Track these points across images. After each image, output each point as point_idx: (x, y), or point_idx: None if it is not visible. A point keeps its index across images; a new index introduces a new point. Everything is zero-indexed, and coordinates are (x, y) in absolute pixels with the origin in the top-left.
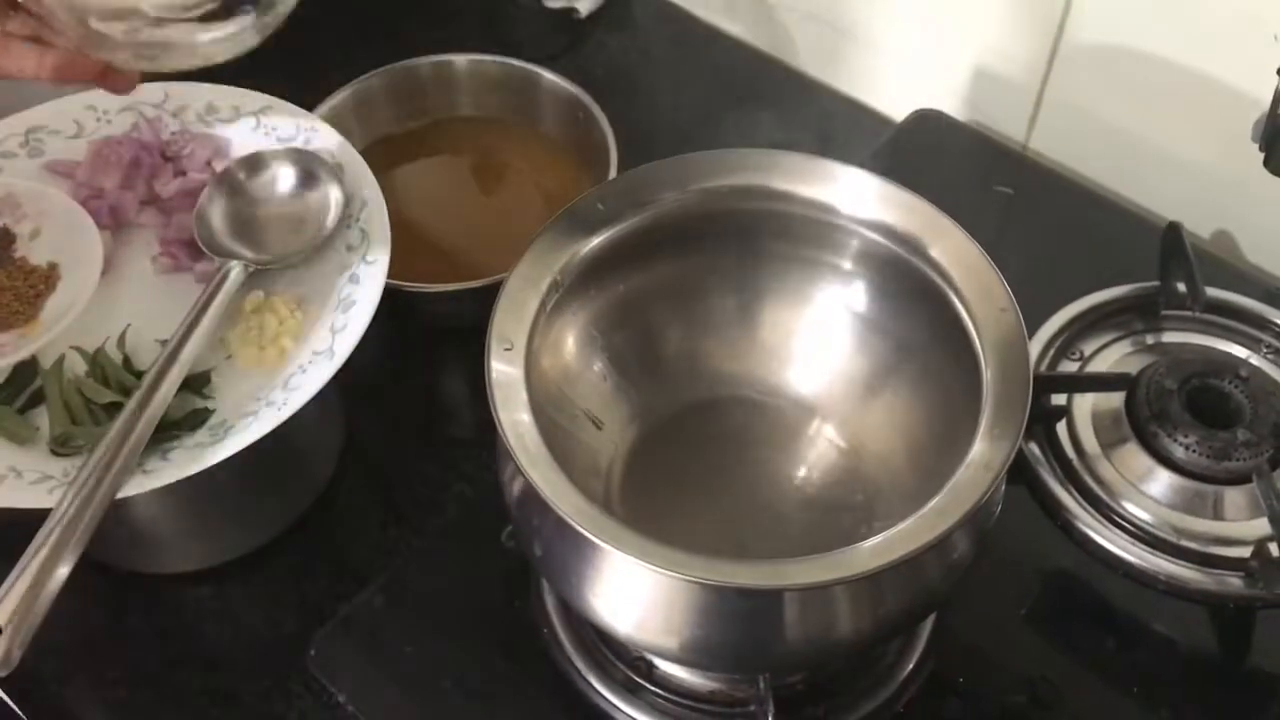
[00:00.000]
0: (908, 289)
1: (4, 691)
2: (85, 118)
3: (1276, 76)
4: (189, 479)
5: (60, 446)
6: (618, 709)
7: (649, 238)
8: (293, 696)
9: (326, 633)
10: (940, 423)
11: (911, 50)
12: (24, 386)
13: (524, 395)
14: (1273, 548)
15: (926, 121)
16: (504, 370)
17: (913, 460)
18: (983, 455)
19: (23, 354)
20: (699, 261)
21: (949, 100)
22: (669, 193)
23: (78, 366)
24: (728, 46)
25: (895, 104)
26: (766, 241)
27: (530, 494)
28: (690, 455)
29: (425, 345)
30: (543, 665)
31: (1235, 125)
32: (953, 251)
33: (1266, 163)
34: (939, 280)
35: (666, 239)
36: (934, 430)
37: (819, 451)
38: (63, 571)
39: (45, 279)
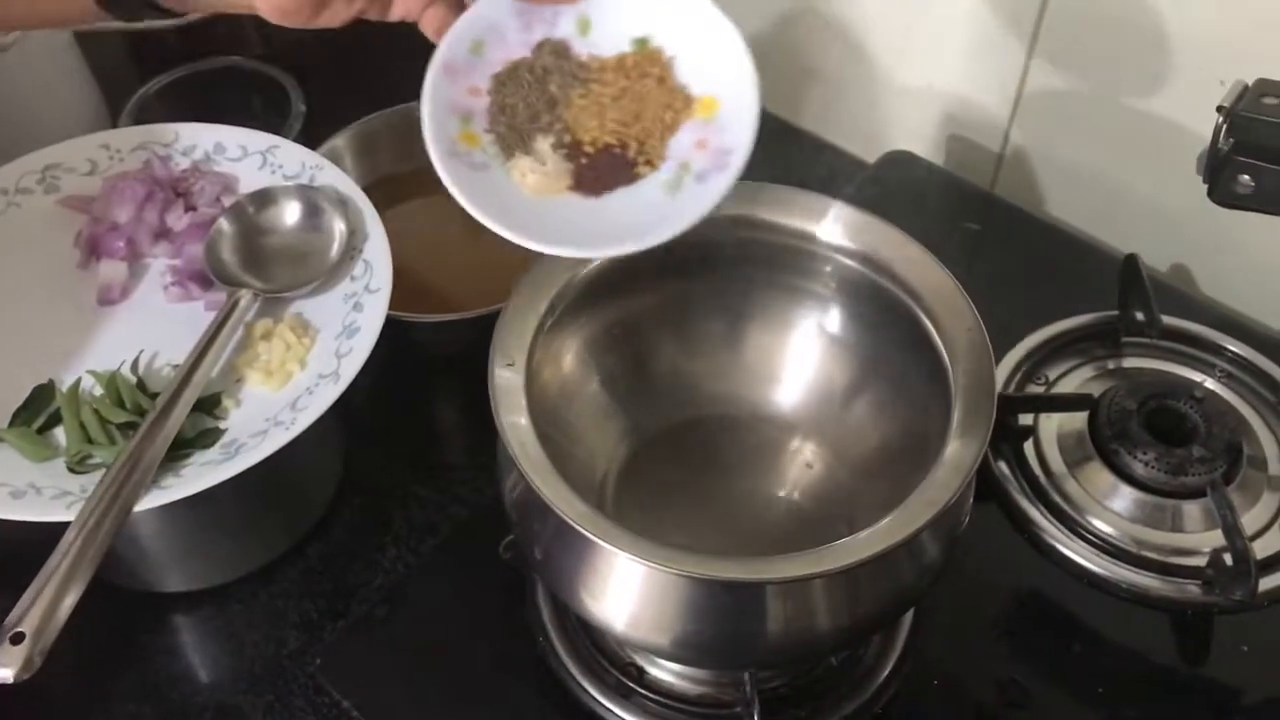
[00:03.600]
0: (882, 311)
1: (15, 707)
2: (99, 156)
3: (1216, 114)
4: (195, 501)
5: (77, 464)
6: (611, 712)
7: (640, 264)
8: (295, 710)
9: (332, 643)
10: (913, 435)
11: (884, 96)
12: (42, 408)
13: (524, 405)
14: (1227, 557)
15: (898, 163)
16: (506, 381)
17: (888, 470)
18: (952, 460)
19: None
20: (687, 287)
21: (919, 143)
22: None
23: (94, 389)
24: None
25: (868, 147)
26: (750, 268)
27: (530, 498)
28: (679, 470)
29: (421, 374)
30: (539, 671)
31: (1187, 164)
32: (924, 276)
33: (1210, 194)
34: (910, 302)
35: (657, 265)
36: (907, 442)
37: (801, 465)
38: (82, 581)
39: None
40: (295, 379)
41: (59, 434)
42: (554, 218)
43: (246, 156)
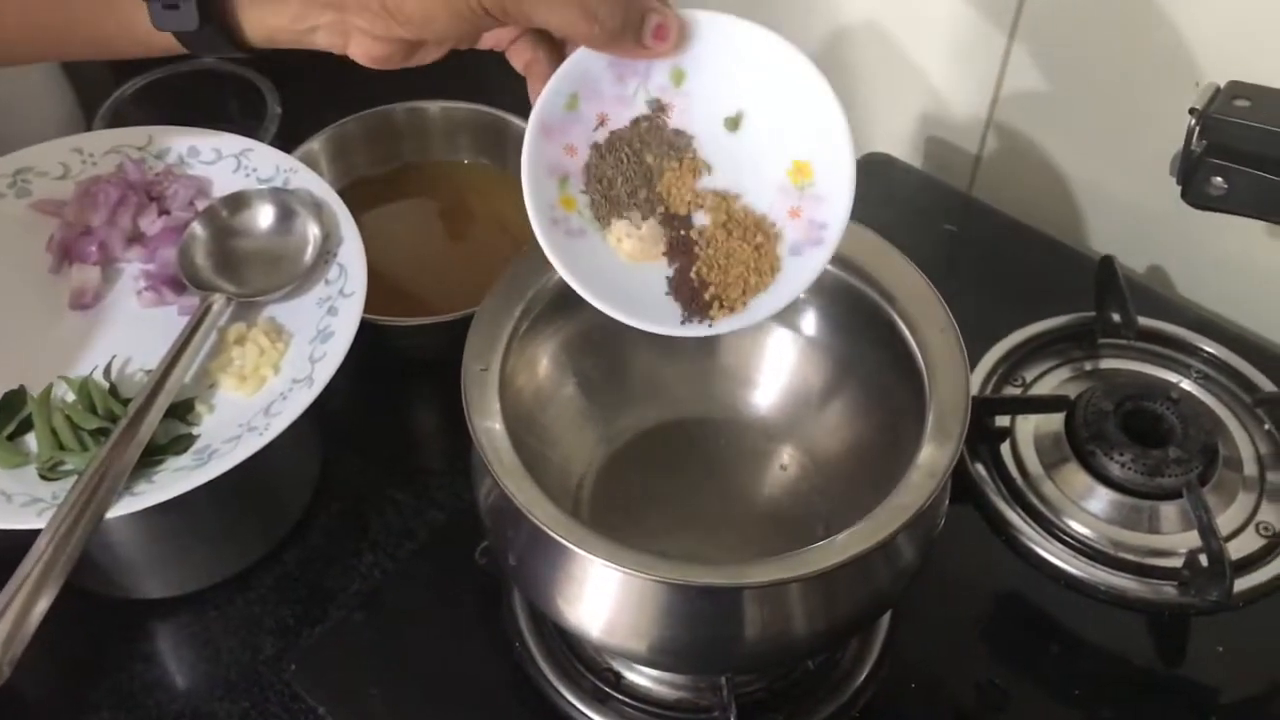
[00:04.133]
0: (856, 314)
1: None
2: (71, 160)
3: (1189, 116)
4: (170, 508)
5: (49, 471)
6: (588, 718)
7: None
8: (271, 716)
9: (307, 649)
10: (888, 437)
11: (863, 98)
12: (13, 414)
13: (498, 411)
14: (1202, 558)
15: (876, 165)
16: (479, 388)
17: (864, 472)
18: (926, 464)
19: None
20: None
21: (898, 145)
22: None
23: (66, 396)
24: None
25: None
26: None
27: (504, 504)
28: (656, 474)
29: (398, 379)
30: (515, 677)
31: (1163, 166)
32: (897, 278)
33: (1183, 196)
34: (884, 305)
35: None
36: (883, 444)
37: (778, 468)
38: (53, 589)
39: None
40: (269, 384)
41: (30, 440)
42: (649, 289)
43: (220, 160)
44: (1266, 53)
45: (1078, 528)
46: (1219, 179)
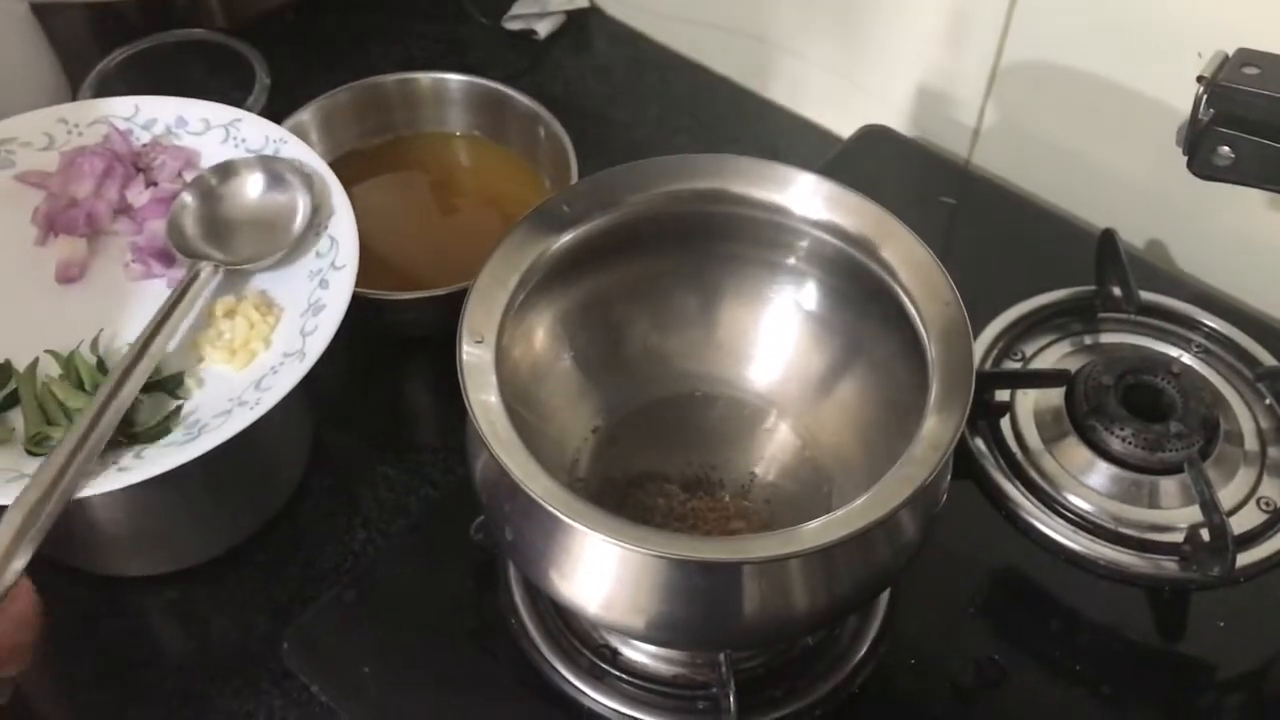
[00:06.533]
0: (857, 287)
1: None
2: (56, 130)
3: (1196, 84)
4: (159, 484)
5: (35, 446)
6: (585, 694)
7: (612, 239)
8: (263, 695)
9: (299, 626)
10: (890, 411)
11: (859, 70)
12: None
13: (494, 383)
14: (1204, 533)
15: (874, 137)
16: (475, 359)
17: (865, 448)
18: (930, 437)
19: None
20: (660, 262)
21: (895, 117)
22: (631, 195)
23: (52, 370)
24: (682, 67)
25: (844, 121)
26: (723, 243)
27: (500, 478)
28: (653, 450)
29: (390, 354)
30: (511, 654)
31: (1165, 139)
32: (899, 250)
33: (1189, 166)
34: (887, 277)
35: (629, 240)
36: (884, 419)
37: (777, 444)
38: (20, 562)
39: None
40: (259, 358)
41: (15, 415)
42: None
43: (209, 130)
44: (1274, 19)
45: (1078, 503)
46: (1226, 148)
